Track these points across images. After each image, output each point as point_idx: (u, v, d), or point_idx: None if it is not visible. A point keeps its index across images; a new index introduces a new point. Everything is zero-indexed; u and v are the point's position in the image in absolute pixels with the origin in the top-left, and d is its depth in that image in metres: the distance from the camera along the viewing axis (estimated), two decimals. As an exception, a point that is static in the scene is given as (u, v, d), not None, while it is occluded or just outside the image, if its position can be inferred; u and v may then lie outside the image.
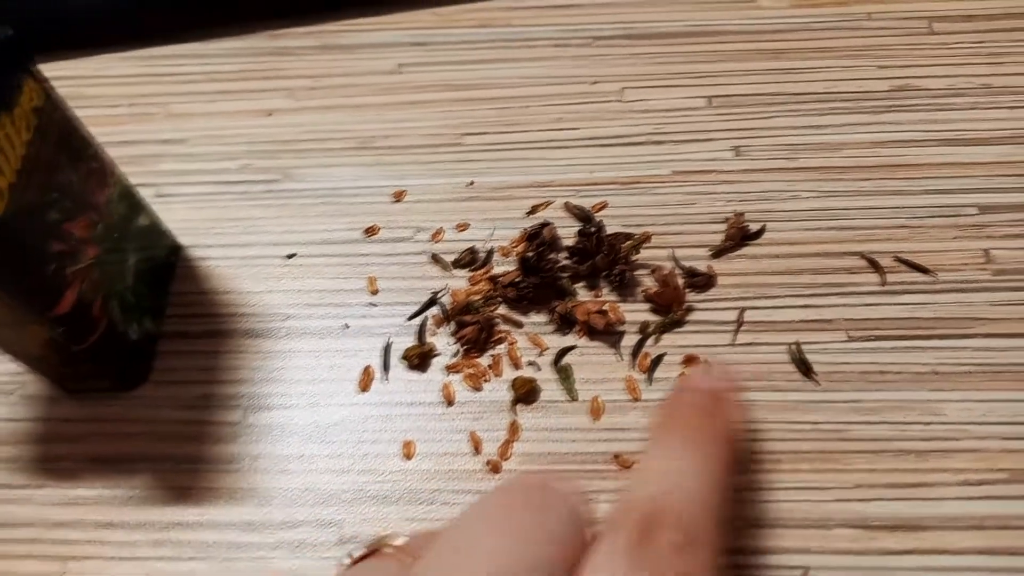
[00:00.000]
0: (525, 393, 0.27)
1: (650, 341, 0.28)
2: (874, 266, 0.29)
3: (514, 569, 0.16)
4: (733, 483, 0.20)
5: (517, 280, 0.29)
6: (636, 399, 0.27)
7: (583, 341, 0.29)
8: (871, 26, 0.35)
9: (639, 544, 0.17)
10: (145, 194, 0.33)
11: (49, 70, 0.37)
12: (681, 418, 0.21)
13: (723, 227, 0.30)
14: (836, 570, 0.24)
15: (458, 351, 0.29)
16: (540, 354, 0.29)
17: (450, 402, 0.28)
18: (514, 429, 0.27)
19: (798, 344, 0.28)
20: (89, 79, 0.37)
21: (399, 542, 0.19)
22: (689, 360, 0.28)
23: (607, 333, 0.29)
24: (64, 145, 0.25)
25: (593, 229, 0.29)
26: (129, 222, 0.29)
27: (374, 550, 0.19)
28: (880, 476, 0.25)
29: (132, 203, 0.29)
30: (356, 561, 0.19)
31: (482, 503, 0.18)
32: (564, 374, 0.28)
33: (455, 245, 0.31)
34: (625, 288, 0.29)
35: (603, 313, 0.28)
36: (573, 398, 0.27)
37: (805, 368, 0.27)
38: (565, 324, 0.29)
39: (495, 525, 0.17)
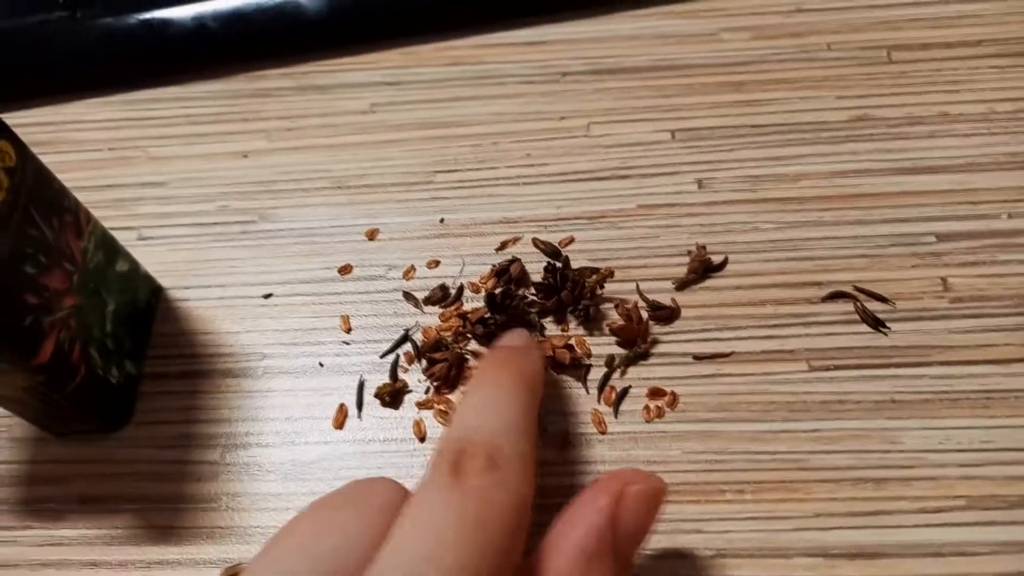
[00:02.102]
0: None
1: (616, 374, 0.29)
2: (834, 296, 0.30)
3: (330, 546, 0.18)
4: (536, 414, 0.22)
5: (485, 316, 0.30)
6: (603, 432, 0.28)
7: (549, 374, 0.29)
8: (830, 57, 0.35)
9: (450, 475, 0.19)
10: (126, 237, 0.34)
11: (30, 116, 0.38)
12: (483, 372, 0.23)
13: (686, 259, 0.31)
14: (795, 599, 0.25)
15: (429, 388, 0.30)
16: (509, 389, 0.29)
17: (422, 438, 0.29)
18: (484, 464, 0.28)
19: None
20: (71, 124, 0.38)
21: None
22: (654, 393, 0.29)
23: (574, 367, 0.29)
24: (38, 200, 0.26)
25: (558, 265, 0.30)
26: (107, 269, 0.30)
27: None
28: (839, 505, 0.26)
29: (109, 250, 0.30)
30: None
31: (307, 507, 0.20)
32: None
33: (426, 282, 0.32)
34: (591, 322, 0.30)
35: (570, 347, 0.29)
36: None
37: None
38: None
39: (314, 515, 0.19)
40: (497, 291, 0.30)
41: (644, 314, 0.30)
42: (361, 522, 0.19)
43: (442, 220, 0.33)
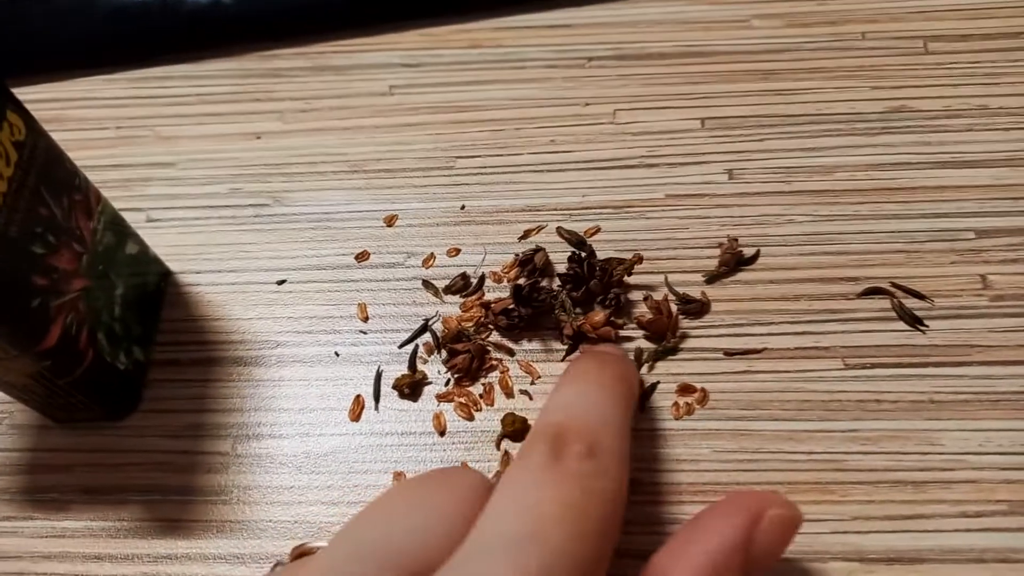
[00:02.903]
0: (514, 432, 0.27)
1: (644, 369, 0.28)
2: (870, 292, 0.29)
3: (424, 521, 0.18)
4: (631, 421, 0.22)
5: (509, 308, 0.29)
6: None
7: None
8: (865, 46, 0.34)
9: (549, 455, 0.19)
10: (134, 219, 0.33)
11: (36, 92, 0.37)
12: (581, 368, 0.23)
13: (717, 252, 0.30)
14: (833, 605, 0.24)
15: (449, 380, 0.29)
16: (532, 382, 0.28)
17: (442, 432, 0.28)
18: (506, 460, 0.27)
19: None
20: (77, 101, 0.37)
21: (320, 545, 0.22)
22: (684, 389, 0.28)
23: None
24: (47, 178, 0.25)
25: (584, 255, 0.29)
26: (116, 251, 0.28)
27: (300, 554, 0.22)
28: (877, 508, 0.25)
29: (119, 232, 0.29)
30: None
31: (390, 488, 0.20)
32: None
33: (447, 271, 0.31)
34: (621, 311, 0.29)
35: (613, 323, 0.28)
36: None
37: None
38: (576, 342, 0.29)
39: (402, 495, 0.19)
40: (524, 282, 0.29)
41: (674, 308, 0.29)
42: (452, 500, 0.18)
43: (463, 207, 0.32)
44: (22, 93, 0.36)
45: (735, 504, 0.20)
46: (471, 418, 0.28)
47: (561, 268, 0.30)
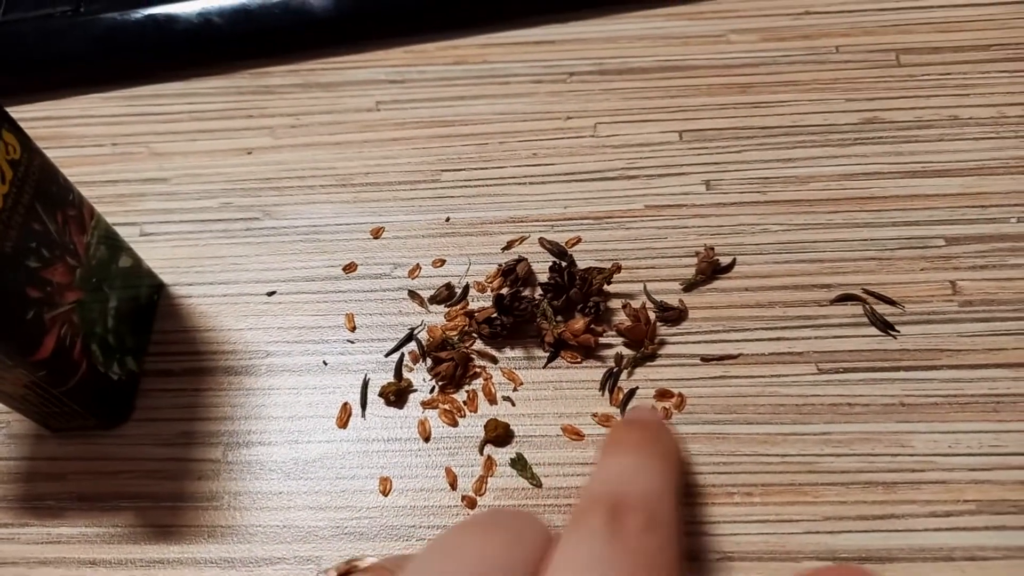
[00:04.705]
0: (496, 437, 0.28)
1: (623, 375, 0.29)
2: (843, 299, 0.30)
3: (497, 565, 0.18)
4: (681, 492, 0.22)
5: (492, 317, 0.29)
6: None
7: (556, 374, 0.29)
8: (839, 59, 0.35)
9: (610, 526, 0.18)
10: (128, 233, 0.33)
11: (35, 111, 0.38)
12: (630, 436, 0.23)
13: (694, 260, 0.31)
14: (804, 603, 0.24)
15: (434, 387, 0.29)
16: (515, 389, 0.29)
17: (426, 438, 0.29)
18: (489, 464, 0.28)
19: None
20: (74, 119, 0.38)
21: (367, 563, 0.21)
22: (662, 394, 0.28)
23: (595, 357, 0.29)
24: (42, 194, 0.25)
25: (564, 264, 0.30)
26: (110, 264, 0.29)
27: (348, 571, 0.21)
28: (849, 508, 0.26)
29: (112, 245, 0.30)
30: None
31: (458, 525, 0.19)
32: (520, 465, 0.28)
33: (432, 281, 0.32)
34: (600, 318, 0.30)
35: (592, 330, 0.29)
36: (537, 484, 0.27)
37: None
38: (557, 349, 0.29)
39: (475, 535, 0.19)
40: (506, 292, 0.29)
41: (652, 315, 0.30)
42: (520, 550, 0.18)
43: (448, 219, 0.33)
44: (21, 111, 0.38)
45: None
46: (455, 424, 0.29)
47: (544, 278, 0.31)
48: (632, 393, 0.28)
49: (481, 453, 0.28)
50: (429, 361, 0.30)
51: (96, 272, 0.28)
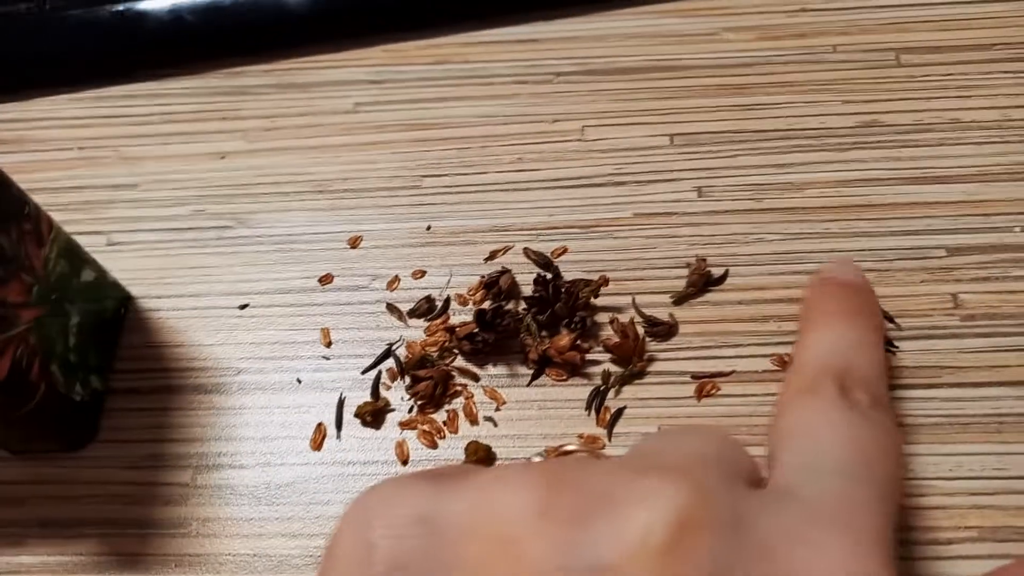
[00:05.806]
0: (477, 460, 0.26)
1: (611, 394, 0.28)
2: (840, 312, 0.28)
3: (713, 454, 0.17)
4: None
5: (473, 332, 0.28)
6: (596, 456, 0.27)
7: (540, 393, 0.28)
8: (836, 59, 0.34)
9: (842, 399, 0.19)
10: (94, 242, 0.32)
11: (-5, 113, 0.36)
12: (832, 298, 0.23)
13: (685, 272, 0.29)
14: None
15: (413, 407, 0.28)
16: (497, 408, 0.28)
17: (404, 461, 0.27)
18: (470, 489, 0.26)
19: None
20: (38, 121, 0.36)
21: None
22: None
23: (581, 375, 0.28)
24: (-7, 208, 0.24)
25: (549, 276, 0.29)
26: (71, 279, 0.28)
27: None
28: (845, 535, 0.25)
29: (74, 259, 0.28)
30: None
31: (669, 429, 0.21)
32: None
33: (412, 293, 0.30)
34: (587, 334, 0.29)
35: (578, 347, 0.28)
36: None
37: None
38: (542, 366, 0.28)
39: (686, 432, 0.19)
40: (487, 307, 0.28)
41: (640, 330, 0.28)
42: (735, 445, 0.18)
43: (429, 227, 0.32)
44: (-22, 114, 0.36)
45: None
46: (434, 446, 0.27)
47: (528, 290, 0.29)
48: (620, 413, 0.27)
49: (462, 477, 0.27)
50: (408, 379, 0.28)
51: (56, 288, 0.27)
